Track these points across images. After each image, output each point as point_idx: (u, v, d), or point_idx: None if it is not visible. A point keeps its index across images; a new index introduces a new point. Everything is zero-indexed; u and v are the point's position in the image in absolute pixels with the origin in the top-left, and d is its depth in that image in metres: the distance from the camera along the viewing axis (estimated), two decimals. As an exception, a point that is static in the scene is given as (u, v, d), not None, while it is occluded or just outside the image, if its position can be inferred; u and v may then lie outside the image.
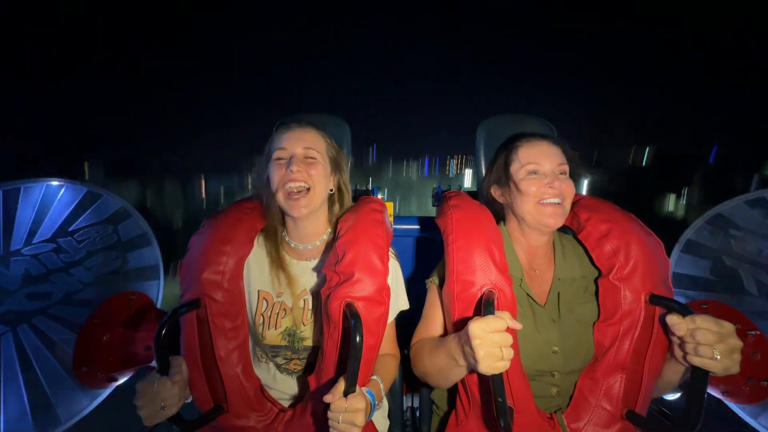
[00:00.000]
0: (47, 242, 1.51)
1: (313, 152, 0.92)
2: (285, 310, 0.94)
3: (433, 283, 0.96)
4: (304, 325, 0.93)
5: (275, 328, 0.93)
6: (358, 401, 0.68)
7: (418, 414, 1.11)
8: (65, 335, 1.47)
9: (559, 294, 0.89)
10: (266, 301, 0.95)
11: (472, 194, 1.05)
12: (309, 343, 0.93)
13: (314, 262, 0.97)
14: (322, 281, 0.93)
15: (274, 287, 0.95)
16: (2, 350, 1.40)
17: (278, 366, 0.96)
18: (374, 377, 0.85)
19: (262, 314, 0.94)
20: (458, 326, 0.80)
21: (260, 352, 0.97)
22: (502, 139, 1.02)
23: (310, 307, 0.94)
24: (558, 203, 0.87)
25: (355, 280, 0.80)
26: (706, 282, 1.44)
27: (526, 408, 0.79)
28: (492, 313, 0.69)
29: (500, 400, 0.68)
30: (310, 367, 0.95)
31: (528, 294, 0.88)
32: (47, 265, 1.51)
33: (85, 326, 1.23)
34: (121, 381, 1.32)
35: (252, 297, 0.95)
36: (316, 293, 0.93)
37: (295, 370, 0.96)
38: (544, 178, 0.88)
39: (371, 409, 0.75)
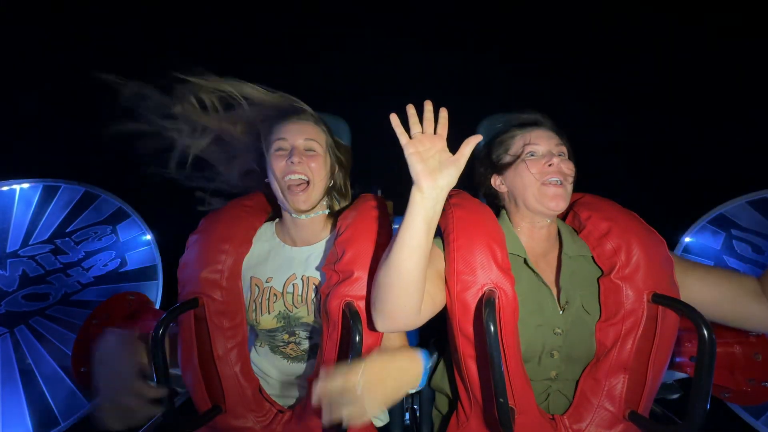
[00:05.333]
0: (44, 243, 1.51)
1: (314, 144, 0.92)
2: (275, 295, 0.93)
3: (435, 245, 0.88)
4: (297, 308, 0.92)
5: (268, 313, 0.92)
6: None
7: (418, 414, 1.11)
8: (64, 336, 1.47)
9: (564, 275, 0.87)
10: (257, 287, 0.94)
11: (472, 194, 1.05)
12: (306, 320, 0.92)
13: (307, 248, 0.97)
14: (315, 265, 0.93)
15: (265, 273, 0.95)
16: (1, 351, 1.39)
17: (274, 348, 0.96)
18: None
19: (254, 300, 0.93)
20: (458, 326, 0.79)
21: (256, 338, 0.96)
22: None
23: (300, 292, 0.92)
24: (559, 183, 0.86)
25: (355, 278, 0.79)
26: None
27: (527, 409, 0.78)
28: (493, 315, 0.68)
29: (501, 400, 0.67)
30: (306, 355, 0.95)
31: (533, 271, 0.87)
32: (45, 266, 1.50)
33: (84, 327, 1.22)
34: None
35: (245, 284, 0.95)
36: (307, 278, 0.93)
37: (291, 355, 0.95)
38: (542, 158, 0.88)
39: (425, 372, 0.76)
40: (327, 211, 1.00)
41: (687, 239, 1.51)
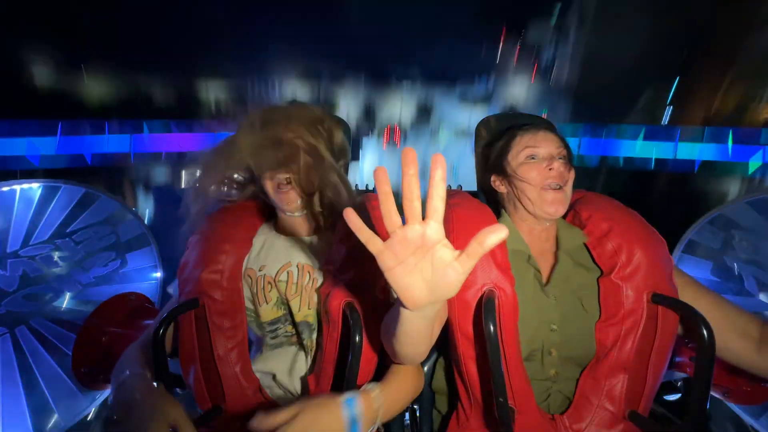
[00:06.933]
0: (45, 244, 1.51)
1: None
2: (270, 283, 0.92)
3: None
4: (291, 298, 0.91)
5: (266, 303, 0.91)
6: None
7: (418, 414, 1.11)
8: (64, 336, 1.47)
9: (557, 271, 0.87)
10: (250, 277, 0.93)
11: (472, 194, 1.05)
12: (300, 318, 0.90)
13: (303, 238, 0.96)
14: (311, 253, 0.92)
15: (257, 263, 0.94)
16: (1, 352, 1.39)
17: (278, 345, 0.92)
18: (369, 385, 0.75)
19: (252, 293, 0.92)
20: (458, 326, 0.79)
21: (261, 333, 0.94)
22: (502, 138, 1.02)
23: (294, 280, 0.91)
24: (559, 188, 0.86)
25: (355, 278, 0.79)
26: (707, 282, 1.44)
27: (527, 409, 0.78)
28: (493, 315, 0.68)
29: (501, 400, 0.67)
30: (312, 350, 0.93)
31: (536, 269, 0.87)
32: (45, 267, 1.51)
33: (84, 327, 1.23)
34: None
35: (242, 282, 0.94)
36: (302, 265, 0.92)
37: (297, 347, 0.93)
38: (542, 162, 0.88)
39: (351, 425, 0.66)
40: (320, 210, 0.99)
41: (687, 239, 1.51)
